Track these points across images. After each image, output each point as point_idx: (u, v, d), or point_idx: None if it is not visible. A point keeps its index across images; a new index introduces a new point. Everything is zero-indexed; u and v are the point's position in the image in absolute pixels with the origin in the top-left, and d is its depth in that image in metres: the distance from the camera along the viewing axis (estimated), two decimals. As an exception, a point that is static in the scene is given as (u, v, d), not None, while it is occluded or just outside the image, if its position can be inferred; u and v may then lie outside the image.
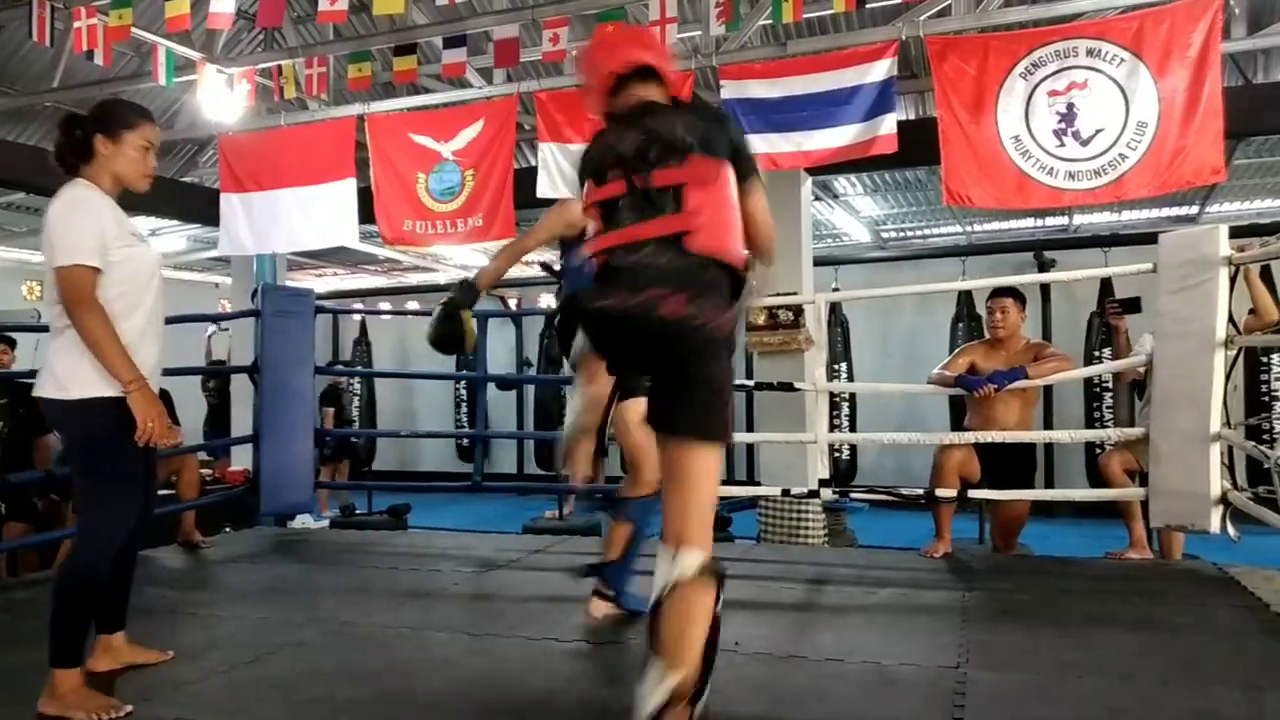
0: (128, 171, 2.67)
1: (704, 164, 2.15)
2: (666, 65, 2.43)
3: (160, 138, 2.79)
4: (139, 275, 2.63)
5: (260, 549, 5.19)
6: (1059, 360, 4.61)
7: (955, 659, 2.87)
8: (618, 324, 2.14)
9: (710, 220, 2.13)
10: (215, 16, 5.30)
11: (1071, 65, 4.95)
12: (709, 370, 2.12)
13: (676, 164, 2.15)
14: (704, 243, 2.11)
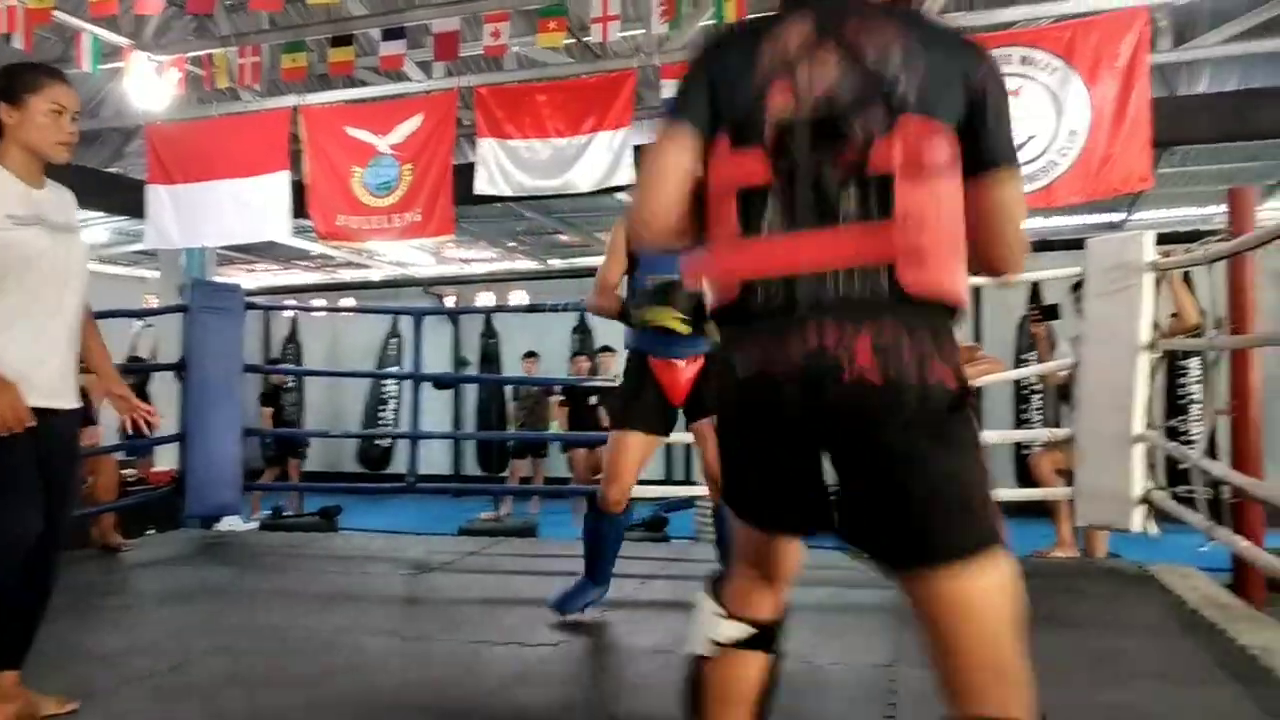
0: (38, 140, 2.35)
1: (925, 132, 1.34)
2: None
3: (77, 102, 2.47)
4: (19, 261, 2.31)
5: (185, 552, 5.05)
6: (989, 363, 4.70)
7: (888, 657, 2.90)
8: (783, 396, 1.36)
9: (935, 239, 1.35)
10: (144, 2, 5.14)
11: (1006, 72, 4.99)
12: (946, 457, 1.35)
13: (883, 131, 1.33)
14: (926, 279, 1.34)
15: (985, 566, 1.35)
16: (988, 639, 1.35)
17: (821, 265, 1.33)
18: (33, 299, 2.36)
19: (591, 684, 2.75)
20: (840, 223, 1.34)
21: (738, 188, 1.40)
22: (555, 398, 9.96)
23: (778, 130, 1.37)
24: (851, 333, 1.31)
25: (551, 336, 11.05)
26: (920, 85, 1.34)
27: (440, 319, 12.32)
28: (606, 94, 5.64)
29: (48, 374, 2.38)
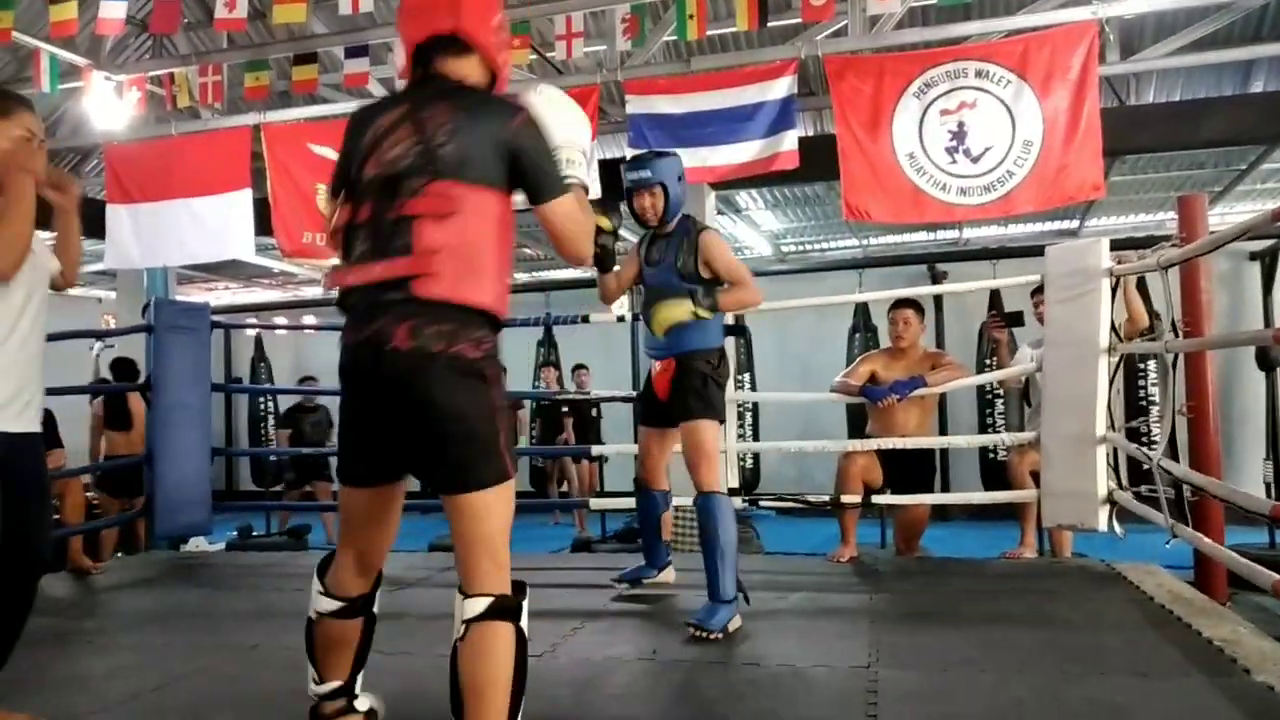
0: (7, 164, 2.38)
1: (448, 190, 1.89)
2: (481, 32, 2.07)
3: (44, 129, 2.56)
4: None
5: (156, 573, 4.99)
6: (954, 369, 4.79)
7: (866, 659, 2.96)
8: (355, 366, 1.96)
9: (447, 264, 1.88)
10: (104, 22, 5.11)
11: (962, 85, 5.17)
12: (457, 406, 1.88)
13: (418, 192, 1.90)
14: (437, 290, 1.88)
15: (498, 492, 1.92)
16: (494, 541, 1.92)
17: (375, 281, 1.91)
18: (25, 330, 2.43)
19: (575, 695, 2.77)
20: (387, 254, 1.91)
21: (343, 226, 2.01)
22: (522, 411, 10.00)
23: (363, 189, 1.97)
24: (393, 322, 1.88)
25: (516, 349, 11.05)
26: (455, 155, 1.91)
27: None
28: (573, 109, 5.69)
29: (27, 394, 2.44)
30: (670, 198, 3.52)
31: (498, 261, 1.97)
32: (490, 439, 1.92)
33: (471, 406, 1.90)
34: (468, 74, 2.07)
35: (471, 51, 2.07)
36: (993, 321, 4.95)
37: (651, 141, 5.64)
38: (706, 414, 3.48)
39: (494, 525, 1.92)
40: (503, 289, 2.00)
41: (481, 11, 2.10)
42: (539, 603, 3.82)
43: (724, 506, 3.41)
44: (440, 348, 1.87)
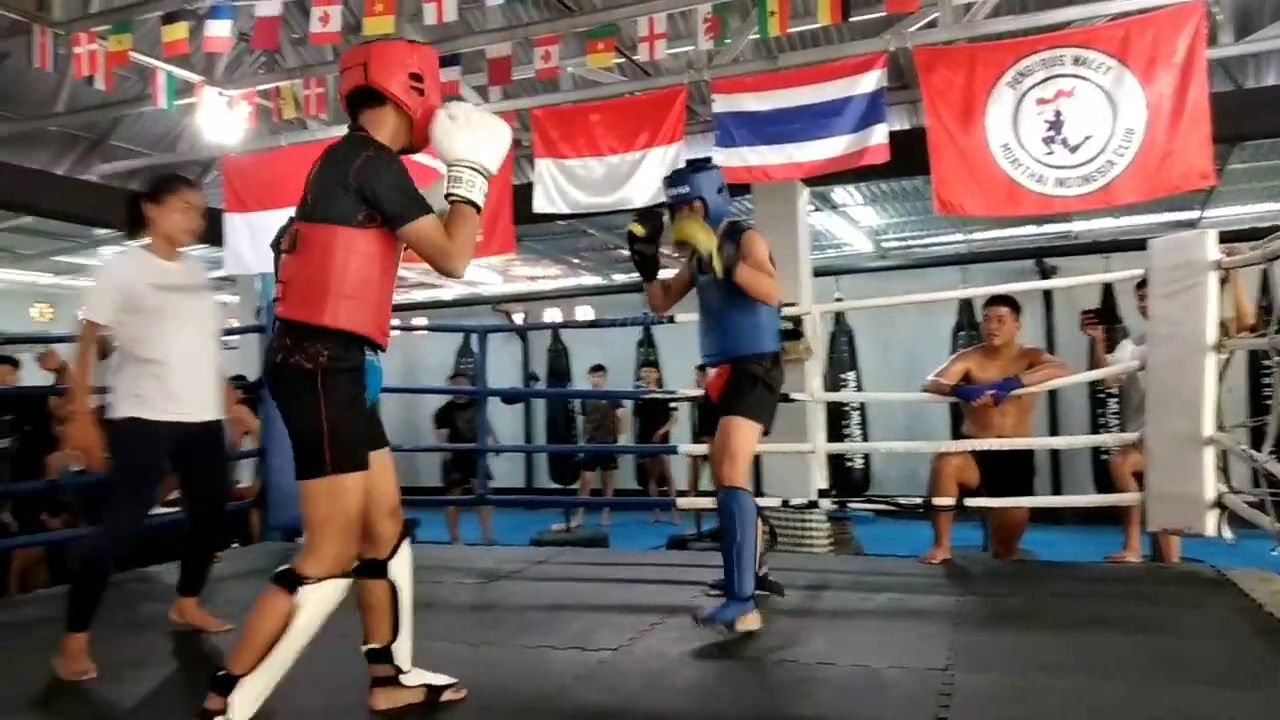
0: (172, 229, 3.24)
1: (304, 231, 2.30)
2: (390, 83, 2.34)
3: (202, 200, 3.33)
4: (162, 320, 3.16)
5: (267, 564, 5.22)
6: (1053, 368, 4.64)
7: (944, 661, 2.91)
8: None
9: (294, 288, 2.29)
10: (211, 40, 5.40)
11: (1058, 74, 5.00)
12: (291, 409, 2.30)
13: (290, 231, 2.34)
14: (283, 310, 2.31)
15: (317, 485, 2.27)
16: (313, 525, 2.29)
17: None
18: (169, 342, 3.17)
19: (649, 688, 2.81)
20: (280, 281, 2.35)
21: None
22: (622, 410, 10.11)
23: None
24: (275, 336, 2.33)
25: (617, 350, 11.16)
26: (311, 199, 2.32)
27: (510, 335, 12.55)
28: (658, 110, 5.73)
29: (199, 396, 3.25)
30: (710, 209, 3.52)
31: (348, 285, 2.28)
32: (312, 439, 2.27)
33: (298, 410, 2.29)
34: (381, 122, 2.39)
35: (385, 101, 2.37)
36: (1086, 319, 4.75)
37: (738, 140, 5.64)
38: (744, 412, 3.43)
39: (313, 513, 2.29)
40: (356, 309, 2.29)
41: (389, 63, 2.37)
42: (621, 598, 3.91)
43: (743, 503, 3.34)
44: (279, 358, 2.29)
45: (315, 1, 5.19)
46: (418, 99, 2.39)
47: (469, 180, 2.31)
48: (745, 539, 3.32)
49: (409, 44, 2.50)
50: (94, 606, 3.05)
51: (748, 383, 3.47)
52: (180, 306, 3.22)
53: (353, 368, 2.32)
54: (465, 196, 2.30)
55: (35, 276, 10.96)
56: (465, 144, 2.32)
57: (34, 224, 9.03)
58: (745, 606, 3.29)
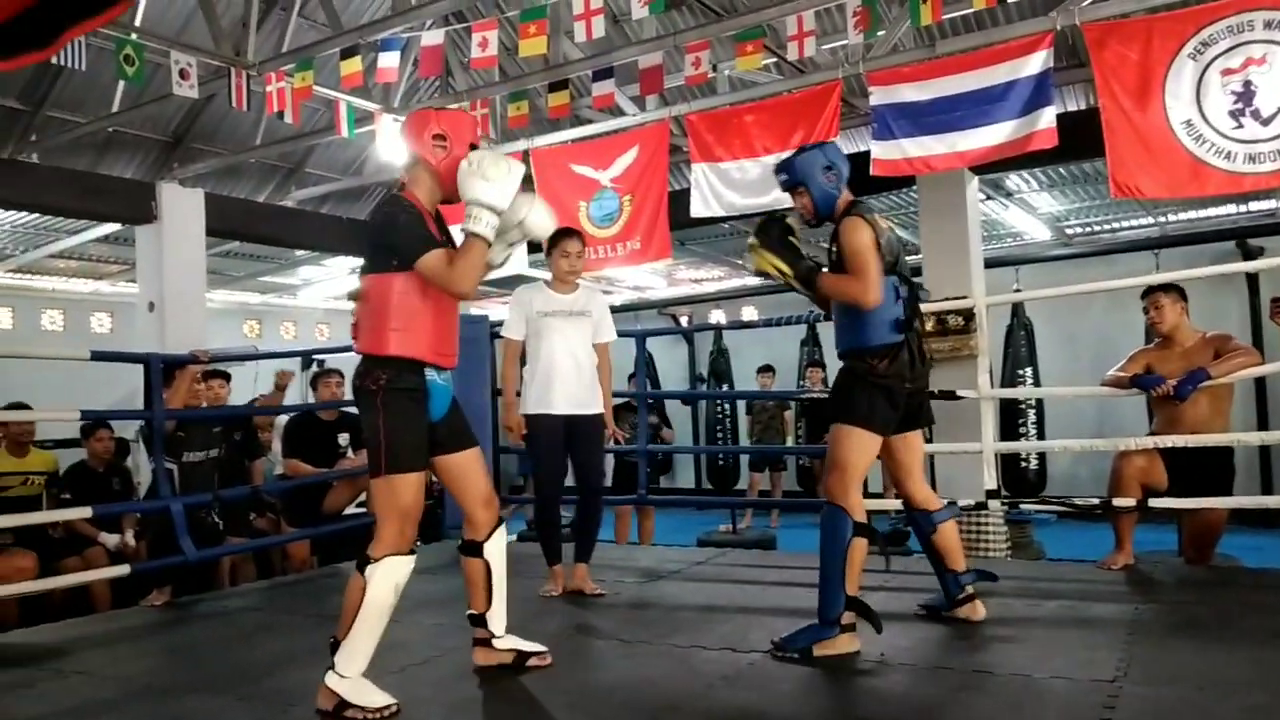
0: (556, 271, 4.26)
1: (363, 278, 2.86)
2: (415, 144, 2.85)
3: (580, 246, 4.32)
4: (538, 337, 4.21)
5: (444, 561, 5.53)
6: (1243, 356, 4.29)
7: (1112, 673, 2.76)
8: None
9: (361, 326, 2.85)
10: (382, 71, 5.76)
11: (1247, 40, 4.60)
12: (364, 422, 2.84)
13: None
14: (357, 345, 2.85)
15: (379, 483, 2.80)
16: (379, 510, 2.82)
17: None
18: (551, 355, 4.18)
19: (795, 691, 2.81)
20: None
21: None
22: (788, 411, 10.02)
23: None
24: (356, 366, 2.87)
25: (781, 350, 11.08)
26: (365, 254, 2.92)
27: (677, 338, 12.68)
28: (813, 107, 5.66)
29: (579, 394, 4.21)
30: (814, 194, 3.33)
31: (397, 320, 2.76)
32: (374, 446, 2.79)
33: (367, 423, 2.81)
34: (418, 178, 2.88)
35: (418, 161, 2.87)
36: (1276, 307, 4.35)
37: (896, 132, 5.50)
38: (848, 418, 3.25)
39: (377, 505, 2.83)
40: (406, 338, 2.77)
41: (415, 129, 2.88)
42: (777, 600, 3.90)
43: (835, 520, 3.16)
44: (357, 383, 2.84)
45: (474, 28, 5.46)
46: (441, 155, 2.84)
47: (476, 216, 2.72)
48: (830, 559, 3.15)
49: (434, 110, 2.95)
50: (556, 544, 4.33)
51: (852, 382, 3.28)
52: (543, 328, 4.19)
53: (410, 388, 2.79)
54: (472, 230, 2.72)
55: (245, 296, 11.96)
56: (476, 187, 2.70)
57: (240, 248, 9.87)
58: (825, 632, 3.10)
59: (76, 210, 7.62)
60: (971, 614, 3.47)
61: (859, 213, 3.28)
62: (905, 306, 3.30)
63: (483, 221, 2.71)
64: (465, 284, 2.75)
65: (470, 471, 3.00)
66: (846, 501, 3.17)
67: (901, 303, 3.29)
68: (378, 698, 2.73)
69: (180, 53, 5.39)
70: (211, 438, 5.28)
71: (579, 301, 4.29)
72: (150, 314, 7.43)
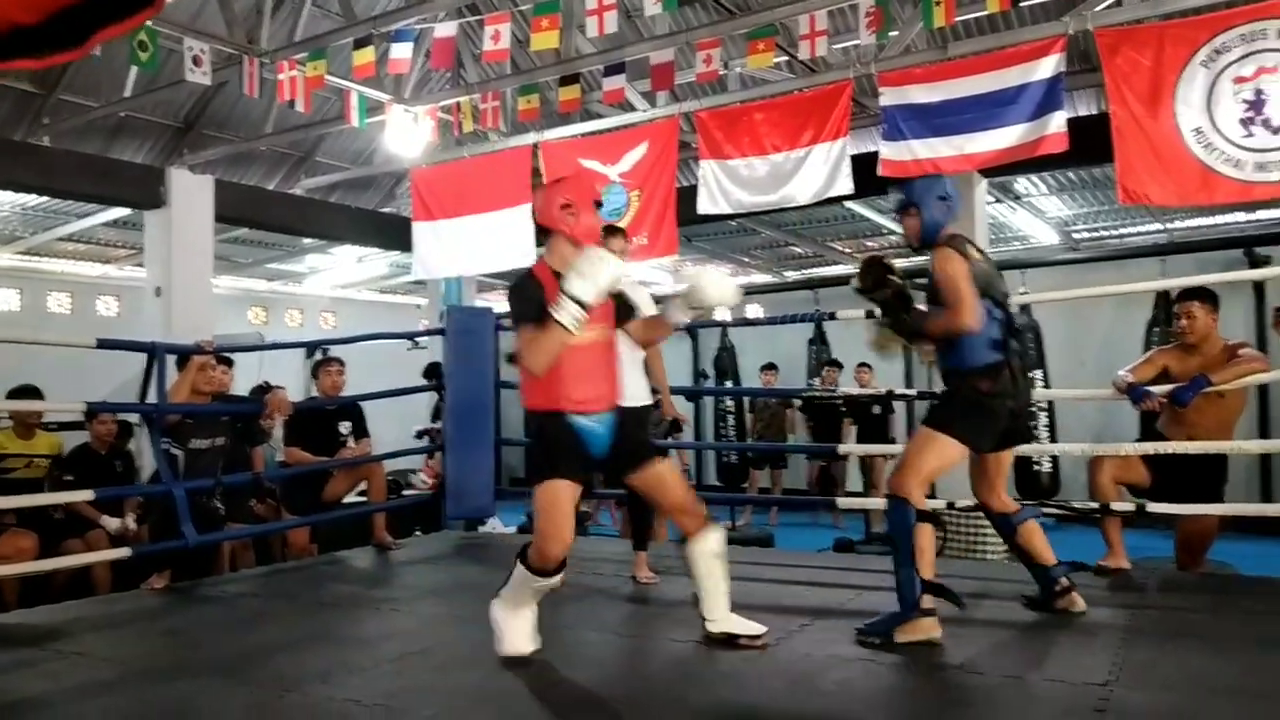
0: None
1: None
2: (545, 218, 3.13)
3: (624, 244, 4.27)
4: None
5: (444, 551, 5.57)
6: (1247, 363, 4.28)
7: (1104, 677, 2.77)
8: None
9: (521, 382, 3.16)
10: (394, 62, 5.78)
11: (1260, 49, 4.61)
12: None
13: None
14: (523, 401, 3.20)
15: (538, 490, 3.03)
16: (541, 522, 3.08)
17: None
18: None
19: (790, 688, 2.82)
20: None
21: None
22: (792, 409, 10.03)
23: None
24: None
25: (786, 349, 11.08)
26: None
27: (681, 334, 12.67)
28: (823, 106, 5.67)
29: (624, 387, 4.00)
30: (925, 218, 3.45)
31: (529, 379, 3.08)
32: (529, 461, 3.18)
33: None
34: (554, 246, 3.13)
35: (548, 233, 3.13)
36: (1277, 316, 4.33)
37: (906, 133, 5.51)
38: (936, 424, 3.37)
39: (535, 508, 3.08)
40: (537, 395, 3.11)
41: (545, 203, 3.14)
42: (774, 598, 3.91)
43: (899, 510, 3.28)
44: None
45: (487, 21, 5.47)
46: (572, 221, 3.09)
47: (564, 306, 2.88)
48: (901, 550, 3.26)
49: (559, 181, 3.26)
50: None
51: (948, 396, 3.45)
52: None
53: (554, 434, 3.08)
54: (556, 317, 2.88)
55: (252, 283, 12.00)
56: (570, 281, 2.90)
57: (248, 235, 9.90)
58: (907, 616, 3.20)
59: (86, 194, 7.65)
60: (1071, 605, 3.56)
61: (952, 244, 3.40)
62: (1001, 327, 3.39)
63: (567, 311, 2.88)
64: (536, 361, 2.95)
65: (662, 482, 3.23)
66: (909, 493, 3.30)
67: (997, 324, 3.38)
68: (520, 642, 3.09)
69: (194, 39, 5.41)
70: (218, 425, 5.30)
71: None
72: (157, 299, 7.46)
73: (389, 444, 6.74)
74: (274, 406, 5.43)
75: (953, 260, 3.32)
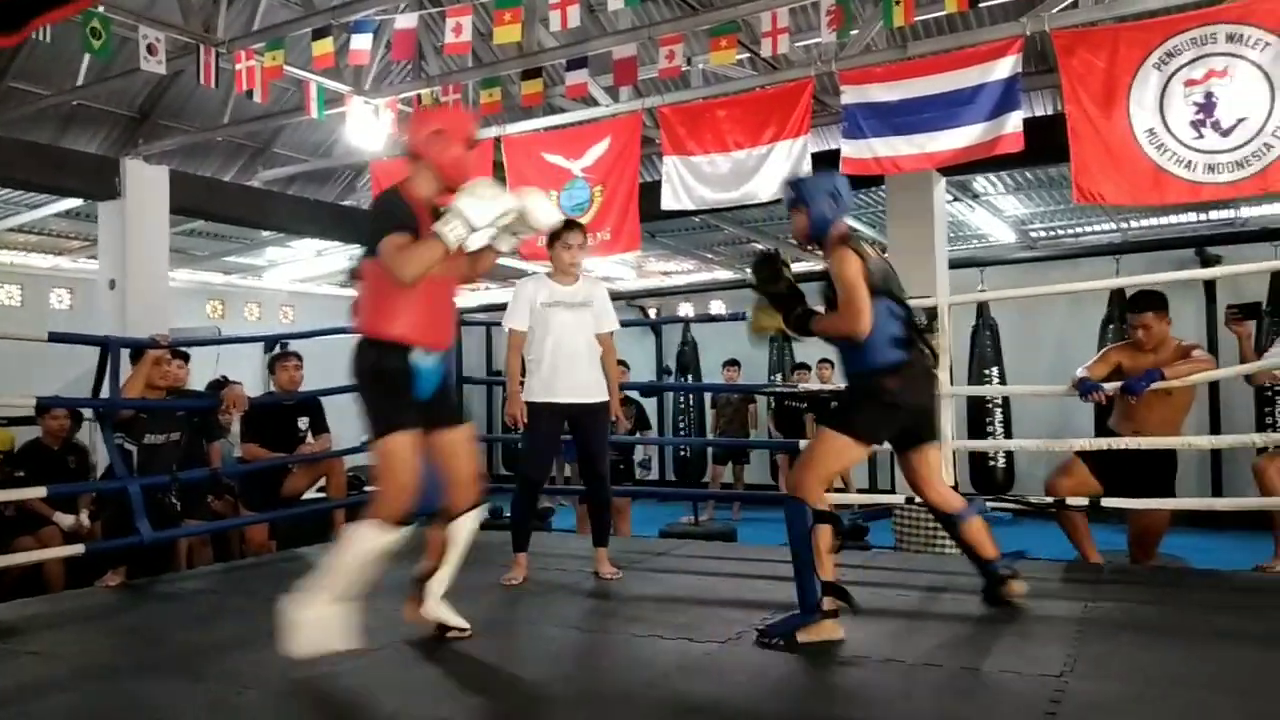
0: (558, 263, 4.29)
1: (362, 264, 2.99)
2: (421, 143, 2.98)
3: (580, 238, 4.33)
4: (542, 328, 4.24)
5: (407, 547, 5.51)
6: (1195, 362, 4.39)
7: (1059, 668, 2.82)
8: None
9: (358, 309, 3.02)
10: (355, 53, 5.72)
11: (1210, 52, 4.70)
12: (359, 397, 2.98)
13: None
14: (354, 326, 3.02)
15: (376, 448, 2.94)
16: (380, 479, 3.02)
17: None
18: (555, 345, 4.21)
19: (749, 682, 2.85)
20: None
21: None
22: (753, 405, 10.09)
23: None
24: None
25: (750, 344, 11.12)
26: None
27: (645, 330, 12.70)
28: (785, 104, 5.70)
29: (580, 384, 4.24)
30: (812, 215, 3.41)
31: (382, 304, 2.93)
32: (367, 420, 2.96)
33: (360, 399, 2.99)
34: (416, 172, 3.00)
35: (418, 158, 2.99)
36: (1231, 315, 4.44)
37: (867, 131, 5.55)
38: (838, 424, 3.37)
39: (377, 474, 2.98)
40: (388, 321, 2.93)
41: (416, 126, 3.08)
42: (735, 592, 3.93)
43: (798, 514, 3.23)
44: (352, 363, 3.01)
45: (449, 13, 5.43)
46: (439, 149, 2.97)
47: (450, 222, 2.80)
48: (799, 551, 3.23)
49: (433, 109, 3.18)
50: (527, 532, 4.41)
51: (849, 395, 3.47)
52: (545, 321, 4.24)
53: (396, 368, 2.91)
54: (439, 229, 2.81)
55: (209, 276, 11.80)
56: (462, 198, 2.84)
57: (205, 227, 9.75)
58: (807, 619, 3.17)
59: (38, 184, 7.48)
60: (1016, 591, 3.62)
61: (849, 244, 3.37)
62: (903, 325, 3.39)
63: (451, 228, 2.79)
64: (407, 271, 2.78)
65: (460, 450, 3.11)
66: (807, 494, 3.24)
67: (898, 322, 3.38)
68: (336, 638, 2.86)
69: (149, 27, 5.31)
70: (173, 421, 5.22)
71: (581, 293, 4.35)
72: (111, 292, 7.32)
73: (350, 440, 6.67)
74: (230, 401, 5.36)
75: (851, 262, 3.29)
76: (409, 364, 2.93)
